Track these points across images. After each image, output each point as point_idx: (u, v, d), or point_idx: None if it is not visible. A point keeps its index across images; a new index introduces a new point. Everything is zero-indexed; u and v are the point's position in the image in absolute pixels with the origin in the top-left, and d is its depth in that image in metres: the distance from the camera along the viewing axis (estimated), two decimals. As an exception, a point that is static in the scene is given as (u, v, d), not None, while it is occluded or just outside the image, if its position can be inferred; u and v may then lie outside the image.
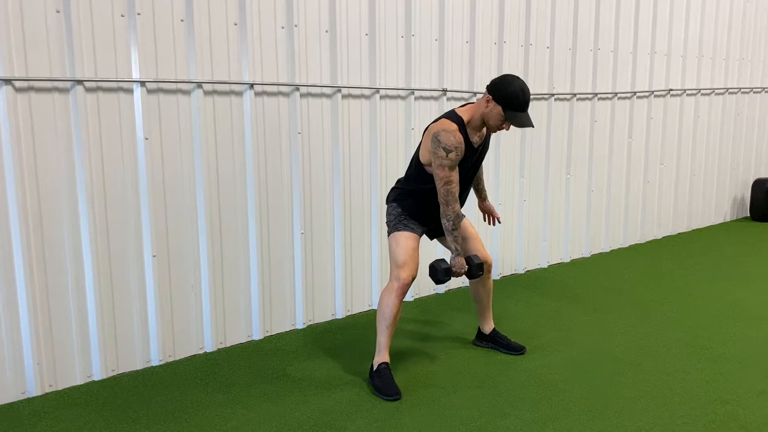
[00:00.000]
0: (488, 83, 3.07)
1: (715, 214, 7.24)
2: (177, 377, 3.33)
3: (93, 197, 3.18)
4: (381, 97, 4.19)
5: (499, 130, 3.10)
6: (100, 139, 3.19)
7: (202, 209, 3.54)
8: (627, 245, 6.18)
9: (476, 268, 3.22)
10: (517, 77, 3.01)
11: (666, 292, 4.72)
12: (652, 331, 3.93)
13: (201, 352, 3.66)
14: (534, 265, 5.38)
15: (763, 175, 7.74)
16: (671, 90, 6.29)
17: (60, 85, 3.04)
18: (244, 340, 3.82)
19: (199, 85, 3.44)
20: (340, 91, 3.99)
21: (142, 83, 3.25)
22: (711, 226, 7.15)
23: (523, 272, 5.26)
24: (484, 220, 3.68)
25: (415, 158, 3.20)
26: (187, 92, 3.44)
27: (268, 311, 3.88)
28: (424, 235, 4.03)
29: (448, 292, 4.76)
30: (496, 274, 5.07)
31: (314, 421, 2.86)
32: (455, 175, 3.00)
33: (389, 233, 3.23)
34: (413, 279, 3.13)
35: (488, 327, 3.67)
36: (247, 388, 3.19)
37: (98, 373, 3.29)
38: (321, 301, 4.12)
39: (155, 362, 3.48)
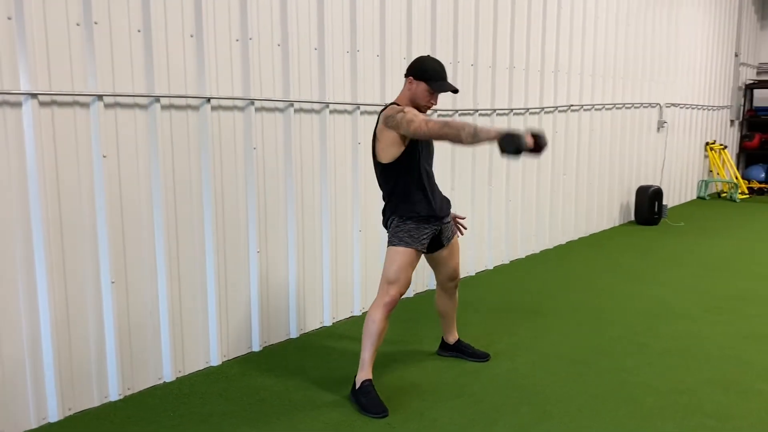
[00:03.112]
0: (406, 70, 3.20)
1: (607, 219, 7.85)
2: (145, 411, 3.10)
3: (48, 218, 2.90)
4: (330, 112, 4.17)
5: (428, 107, 3.19)
6: (55, 157, 2.92)
7: (160, 230, 3.34)
8: (539, 251, 6.55)
9: (542, 140, 2.84)
10: (427, 55, 3.15)
11: (590, 293, 5.05)
12: (593, 331, 4.20)
13: (160, 382, 3.43)
14: (463, 273, 5.55)
15: (644, 182, 8.50)
16: (572, 105, 6.77)
17: (12, 99, 2.76)
18: (202, 367, 3.63)
19: (157, 99, 3.25)
20: (292, 105, 3.92)
21: (99, 97, 3.02)
22: (605, 230, 7.75)
23: (455, 281, 5.41)
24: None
25: (377, 165, 3.21)
26: (144, 107, 3.23)
27: (225, 335, 3.72)
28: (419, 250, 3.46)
29: (392, 304, 4.79)
30: (432, 284, 5.18)
31: (312, 445, 2.79)
32: (424, 117, 2.98)
33: (387, 246, 3.21)
34: (401, 296, 3.13)
35: (453, 337, 3.75)
36: (228, 418, 3.04)
37: (54, 414, 2.99)
38: (276, 321, 4.01)
39: (113, 397, 3.22)
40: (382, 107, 3.25)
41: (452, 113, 5.20)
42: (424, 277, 5.11)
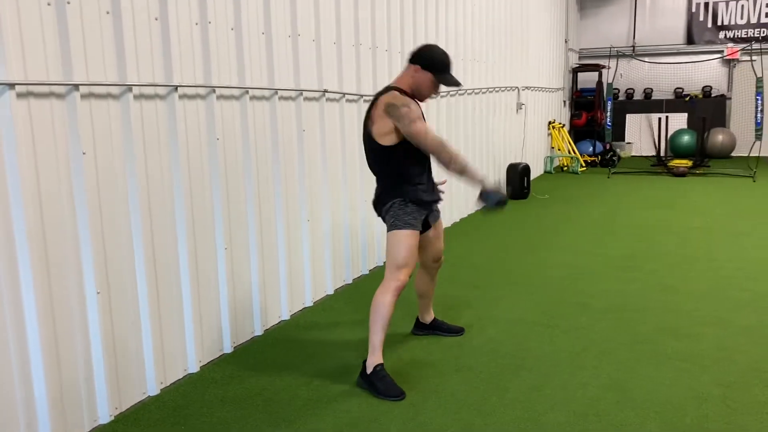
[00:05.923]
0: (411, 56, 3.19)
1: (485, 196, 8.36)
2: (150, 429, 2.84)
3: (30, 227, 2.54)
4: (279, 99, 4.03)
5: (431, 96, 3.24)
6: (34, 156, 2.55)
7: (137, 232, 3.05)
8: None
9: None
10: (434, 44, 3.23)
11: (507, 264, 5.39)
12: (535, 297, 4.52)
13: (145, 397, 3.15)
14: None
15: (508, 160, 9.16)
16: (467, 90, 7.12)
17: (-12, 89, 2.37)
18: (181, 376, 3.38)
19: (129, 88, 2.95)
20: (247, 92, 3.74)
21: (76, 87, 2.68)
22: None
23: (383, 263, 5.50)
24: None
25: (374, 147, 3.17)
26: (116, 97, 2.92)
27: (200, 339, 3.49)
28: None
29: (337, 291, 4.77)
30: (374, 266, 5.22)
31: (353, 436, 2.76)
32: (426, 126, 3.05)
33: (389, 230, 3.19)
34: (409, 278, 3.16)
35: (430, 317, 3.85)
36: (248, 422, 2.88)
37: (48, 446, 2.65)
38: (242, 319, 3.83)
39: (104, 419, 2.91)
40: (382, 90, 3.23)
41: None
42: (370, 260, 5.13)
